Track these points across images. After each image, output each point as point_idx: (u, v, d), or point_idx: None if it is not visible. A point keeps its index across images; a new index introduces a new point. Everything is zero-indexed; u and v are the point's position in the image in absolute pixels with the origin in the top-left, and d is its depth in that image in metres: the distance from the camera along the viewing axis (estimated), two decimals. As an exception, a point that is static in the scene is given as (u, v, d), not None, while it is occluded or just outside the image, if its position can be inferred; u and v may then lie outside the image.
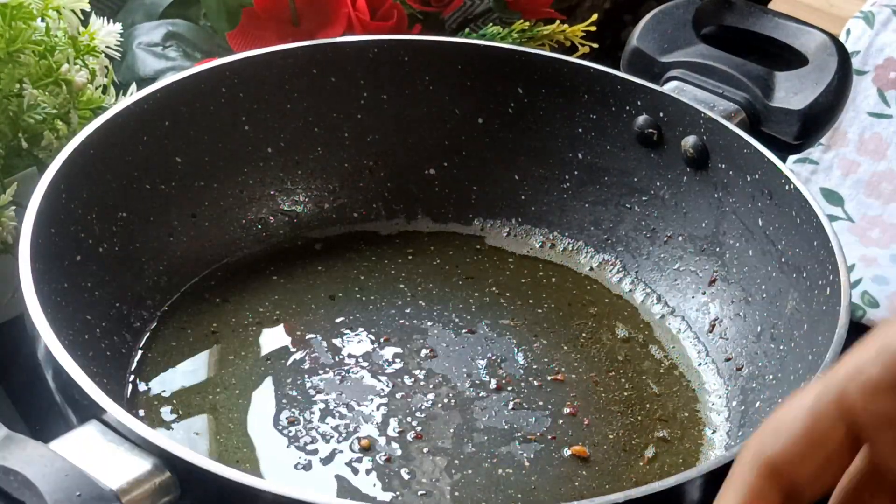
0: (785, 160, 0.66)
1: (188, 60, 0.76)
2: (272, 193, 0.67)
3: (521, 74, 0.68)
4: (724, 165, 0.63)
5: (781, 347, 0.57)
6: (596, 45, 0.80)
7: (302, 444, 0.55)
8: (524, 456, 0.55)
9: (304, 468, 0.54)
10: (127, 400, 0.56)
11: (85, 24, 0.66)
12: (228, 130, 0.65)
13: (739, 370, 0.60)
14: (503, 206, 0.69)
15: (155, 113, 0.61)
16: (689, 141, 0.64)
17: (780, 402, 0.54)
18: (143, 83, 0.66)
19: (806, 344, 0.55)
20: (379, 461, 0.54)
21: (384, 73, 0.68)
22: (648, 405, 0.59)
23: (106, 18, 0.66)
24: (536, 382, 0.59)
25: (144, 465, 0.43)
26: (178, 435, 0.55)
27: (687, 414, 0.59)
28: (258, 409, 0.56)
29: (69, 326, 0.53)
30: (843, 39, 0.80)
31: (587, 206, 0.68)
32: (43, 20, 0.63)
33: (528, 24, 0.78)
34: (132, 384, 0.57)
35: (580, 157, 0.68)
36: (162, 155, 0.62)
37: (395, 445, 0.55)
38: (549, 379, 0.60)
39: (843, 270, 0.54)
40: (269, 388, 0.57)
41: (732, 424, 0.58)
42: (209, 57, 0.74)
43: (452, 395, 0.58)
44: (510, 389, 0.59)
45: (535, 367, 0.60)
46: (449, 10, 0.79)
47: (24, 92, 0.62)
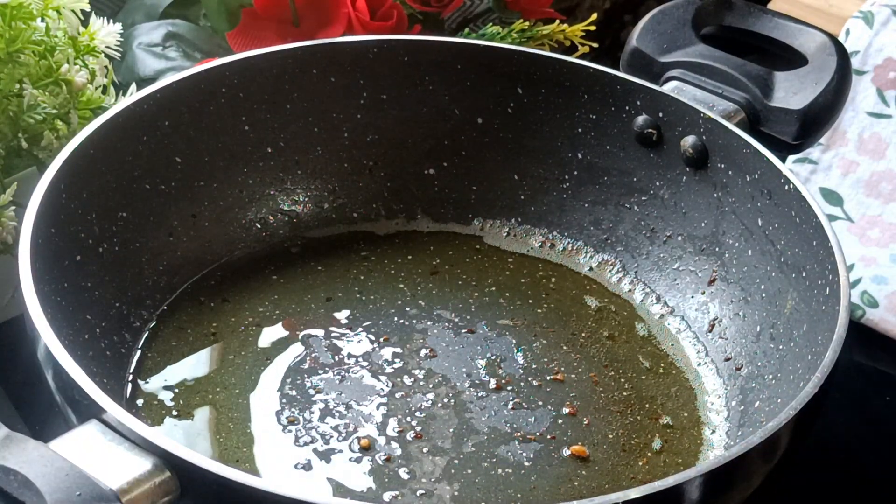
0: (784, 160, 0.66)
1: (188, 60, 0.76)
2: (272, 193, 0.67)
3: (520, 74, 0.68)
4: (723, 165, 0.63)
5: (781, 347, 0.57)
6: (595, 44, 0.80)
7: (302, 443, 0.55)
8: (524, 456, 0.55)
9: (303, 468, 0.54)
10: (127, 399, 0.56)
11: (85, 24, 0.66)
12: (228, 130, 0.65)
13: (739, 370, 0.60)
14: (503, 205, 0.69)
15: (155, 113, 0.61)
16: (688, 141, 0.64)
17: (779, 402, 0.54)
18: (143, 83, 0.66)
19: (805, 344, 0.55)
20: (378, 461, 0.54)
21: (384, 73, 0.68)
22: (648, 405, 0.59)
23: (106, 18, 0.66)
24: (536, 382, 0.59)
25: (144, 464, 0.43)
26: (177, 434, 0.55)
27: (686, 414, 0.59)
28: (258, 408, 0.56)
29: (69, 326, 0.53)
30: (842, 39, 0.80)
31: (587, 205, 0.68)
32: (43, 20, 0.63)
33: (527, 24, 0.78)
34: (132, 384, 0.57)
35: (580, 156, 0.68)
36: (162, 155, 0.62)
37: (394, 445, 0.55)
38: (548, 379, 0.60)
39: (842, 270, 0.54)
40: (268, 387, 0.57)
41: (732, 424, 0.58)
42: (209, 57, 0.74)
43: (452, 394, 0.58)
44: (510, 389, 0.59)
45: (534, 366, 0.60)
46: (449, 10, 0.79)
47: (24, 92, 0.62)
